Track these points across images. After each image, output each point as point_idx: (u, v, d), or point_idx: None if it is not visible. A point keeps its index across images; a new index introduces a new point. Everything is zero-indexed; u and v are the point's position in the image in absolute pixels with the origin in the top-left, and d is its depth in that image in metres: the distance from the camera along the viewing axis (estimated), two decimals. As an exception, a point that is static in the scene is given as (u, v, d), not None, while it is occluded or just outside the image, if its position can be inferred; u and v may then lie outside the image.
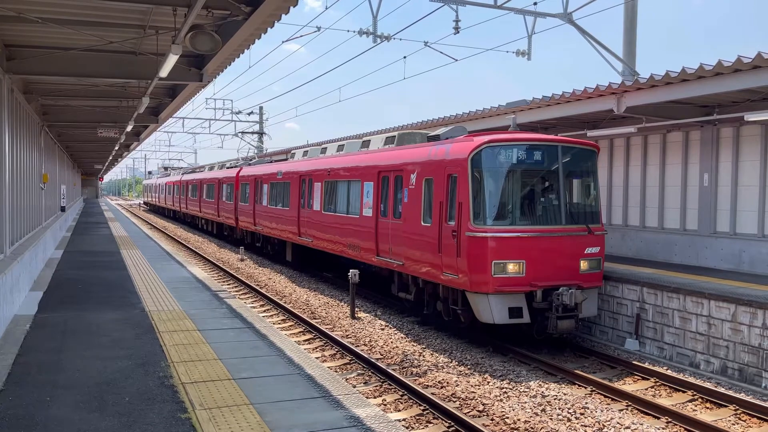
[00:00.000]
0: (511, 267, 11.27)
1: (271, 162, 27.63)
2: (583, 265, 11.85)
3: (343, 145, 19.08)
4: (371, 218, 15.15)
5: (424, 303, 13.52)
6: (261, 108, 44.86)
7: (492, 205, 11.60)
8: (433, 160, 12.74)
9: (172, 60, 9.47)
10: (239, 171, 28.99)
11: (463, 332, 12.69)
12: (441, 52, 19.34)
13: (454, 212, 11.83)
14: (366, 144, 17.44)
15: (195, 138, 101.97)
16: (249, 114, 43.96)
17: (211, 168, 39.90)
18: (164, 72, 10.26)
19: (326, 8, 17.77)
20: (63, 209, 30.70)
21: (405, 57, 21.08)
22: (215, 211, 33.24)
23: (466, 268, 11.43)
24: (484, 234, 11.30)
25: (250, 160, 33.50)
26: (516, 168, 11.83)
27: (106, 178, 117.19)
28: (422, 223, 12.84)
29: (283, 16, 8.57)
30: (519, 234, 11.47)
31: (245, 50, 10.84)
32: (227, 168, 33.83)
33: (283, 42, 22.01)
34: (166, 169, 72.64)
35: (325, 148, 20.48)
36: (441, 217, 12.18)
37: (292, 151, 24.72)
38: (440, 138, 13.63)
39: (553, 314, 11.21)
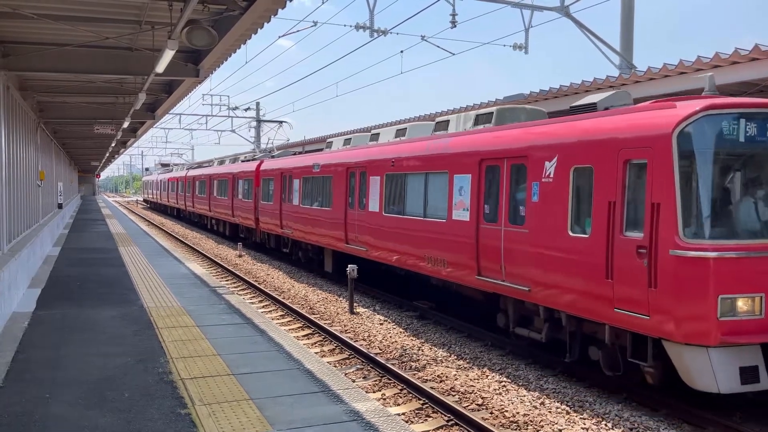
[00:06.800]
0: (744, 305, 7.57)
1: (295, 154, 24.34)
2: None
3: (405, 129, 15.50)
4: (468, 224, 11.36)
5: (567, 346, 9.69)
6: (258, 104, 44.78)
7: (715, 210, 7.82)
8: (591, 140, 8.94)
9: (168, 55, 9.45)
10: (260, 165, 25.42)
11: (631, 390, 9.00)
12: (438, 46, 19.35)
13: (640, 218, 8.10)
14: (442, 126, 13.58)
15: (192, 134, 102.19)
16: (246, 110, 43.88)
17: (222, 162, 36.26)
18: (161, 67, 10.24)
19: (323, 2, 17.72)
20: (60, 206, 30.67)
21: (402, 51, 21.05)
22: (229, 211, 29.57)
23: (670, 304, 7.68)
24: (704, 253, 7.50)
25: (270, 151, 29.56)
26: (754, 151, 7.95)
27: (103, 174, 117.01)
28: (570, 233, 9.09)
29: (279, 10, 8.56)
30: (760, 253, 7.65)
31: (242, 45, 10.83)
32: (243, 162, 29.92)
33: (279, 37, 22.03)
34: (163, 165, 72.43)
35: (377, 134, 16.84)
36: (611, 225, 8.42)
37: (328, 140, 20.85)
38: (596, 108, 9.68)
39: None
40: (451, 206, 11.95)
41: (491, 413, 8.48)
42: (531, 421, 8.16)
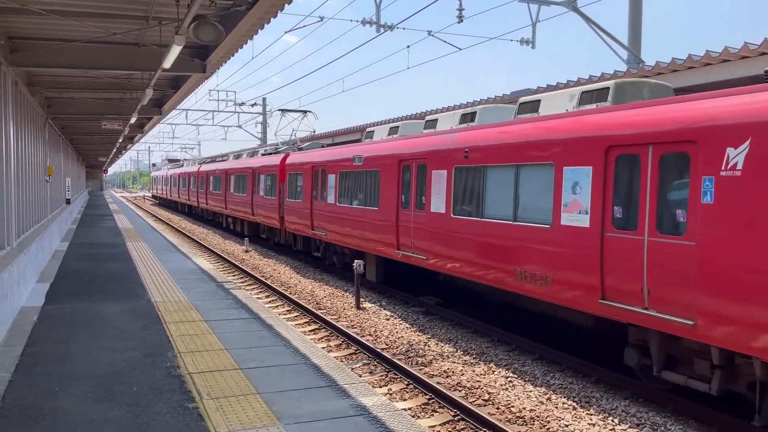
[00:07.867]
0: None
1: (323, 146, 22.56)
2: None
3: (474, 113, 12.92)
4: (587, 231, 8.94)
5: (756, 405, 7.30)
6: (264, 99, 44.92)
7: None
8: None
9: (175, 51, 9.47)
10: (285, 158, 23.00)
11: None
12: (445, 41, 19.31)
13: None
14: (531, 107, 11.17)
15: (198, 130, 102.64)
16: (252, 105, 44.02)
17: (238, 156, 33.73)
18: (168, 63, 10.27)
19: (329, -2, 17.73)
20: (68, 201, 30.81)
21: (408, 47, 21.04)
22: (248, 208, 27.32)
23: None
24: None
25: (294, 143, 27.08)
26: None
27: (111, 170, 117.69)
28: None
29: (285, 6, 8.56)
30: None
31: (248, 41, 10.84)
32: (264, 155, 27.52)
33: (285, 32, 22.06)
34: (170, 161, 72.51)
35: (435, 120, 14.19)
36: None
37: (368, 130, 18.26)
38: None
39: None
40: (558, 208, 9.51)
41: (497, 408, 8.49)
42: (537, 416, 8.16)
